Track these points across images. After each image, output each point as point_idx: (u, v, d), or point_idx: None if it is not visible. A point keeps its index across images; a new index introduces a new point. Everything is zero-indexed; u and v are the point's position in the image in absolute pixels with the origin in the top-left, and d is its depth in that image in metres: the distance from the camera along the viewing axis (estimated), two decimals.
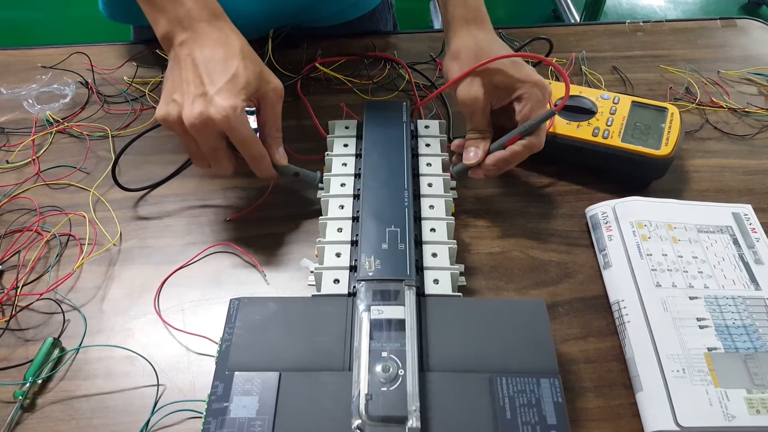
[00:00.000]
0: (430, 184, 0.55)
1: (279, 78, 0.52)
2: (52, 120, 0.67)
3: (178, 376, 0.47)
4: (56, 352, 0.48)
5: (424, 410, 0.39)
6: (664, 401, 0.43)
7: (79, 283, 0.53)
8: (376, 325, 0.43)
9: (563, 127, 0.59)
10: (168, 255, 0.55)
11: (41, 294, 0.51)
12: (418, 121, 0.60)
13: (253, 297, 0.46)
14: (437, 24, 2.09)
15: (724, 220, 0.56)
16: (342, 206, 0.53)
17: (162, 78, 0.71)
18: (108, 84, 0.72)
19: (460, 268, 0.49)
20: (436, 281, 0.48)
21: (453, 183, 0.57)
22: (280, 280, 0.53)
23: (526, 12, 2.44)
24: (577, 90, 0.63)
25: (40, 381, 0.46)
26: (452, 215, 0.53)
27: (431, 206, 0.53)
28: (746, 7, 2.41)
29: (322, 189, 0.55)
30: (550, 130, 0.59)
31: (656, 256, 0.52)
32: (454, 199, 0.54)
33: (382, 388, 0.39)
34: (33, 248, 0.55)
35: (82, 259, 0.54)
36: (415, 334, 0.42)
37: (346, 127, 0.60)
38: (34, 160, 0.63)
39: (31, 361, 0.46)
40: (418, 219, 0.52)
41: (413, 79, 0.71)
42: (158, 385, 0.46)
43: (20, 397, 0.45)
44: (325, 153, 0.57)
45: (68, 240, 0.56)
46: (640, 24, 0.82)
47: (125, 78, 0.72)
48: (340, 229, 0.51)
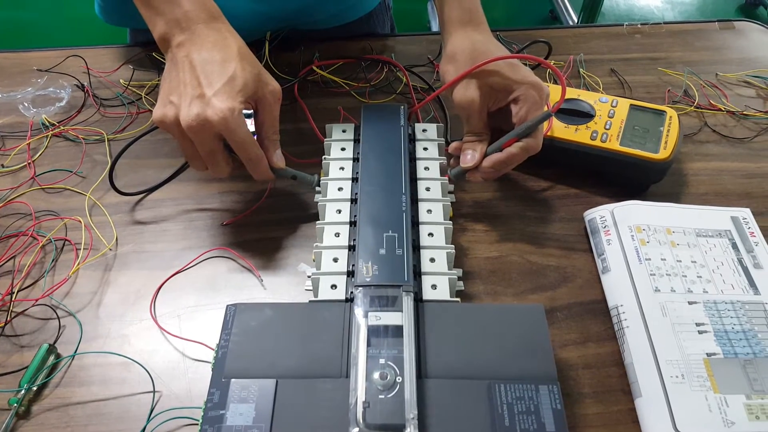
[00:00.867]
0: (428, 188, 0.54)
1: (276, 80, 0.52)
2: (47, 123, 0.66)
3: (174, 382, 0.46)
4: (51, 358, 0.47)
5: (422, 418, 0.39)
6: (663, 407, 0.43)
7: (74, 289, 0.52)
8: (373, 331, 0.42)
9: (561, 130, 0.59)
10: (164, 260, 0.54)
11: (36, 300, 0.51)
12: (416, 125, 0.60)
13: (250, 303, 0.46)
14: (435, 26, 2.09)
15: (723, 224, 0.56)
16: (339, 211, 0.52)
17: (158, 81, 0.70)
18: (104, 87, 0.71)
19: (458, 273, 0.49)
20: (434, 286, 0.47)
21: (451, 187, 0.56)
22: (277, 286, 0.53)
23: (524, 13, 2.44)
24: (575, 93, 0.63)
25: (35, 388, 0.46)
26: (450, 220, 0.53)
27: (429, 211, 0.53)
28: (744, 8, 2.42)
29: (319, 192, 0.55)
30: (548, 134, 0.59)
31: (655, 261, 0.52)
32: (452, 203, 0.54)
33: (380, 396, 0.39)
34: (28, 253, 0.55)
35: (78, 264, 0.54)
36: (413, 341, 0.42)
37: (344, 131, 0.60)
38: (29, 164, 0.62)
39: (26, 367, 0.46)
40: (416, 224, 0.52)
41: (411, 82, 0.70)
42: (154, 391, 0.46)
43: (15, 404, 0.44)
44: (323, 157, 0.57)
45: (64, 245, 0.55)
46: (638, 26, 0.82)
47: (121, 81, 0.71)
48: (337, 234, 0.51)
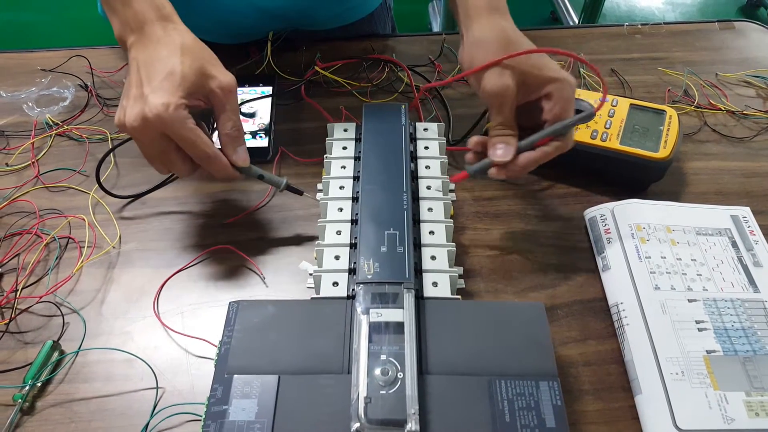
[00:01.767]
0: (428, 187, 0.55)
1: (279, 81, 0.52)
2: (51, 123, 0.67)
3: (177, 379, 0.47)
4: (55, 355, 0.48)
5: (423, 413, 0.39)
6: (664, 404, 0.43)
7: (78, 286, 0.53)
8: (375, 328, 0.43)
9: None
10: (167, 258, 0.55)
11: (41, 297, 0.51)
12: (417, 124, 0.61)
13: (252, 300, 0.46)
14: (436, 26, 2.10)
15: (723, 223, 0.56)
16: (341, 209, 0.53)
17: None
18: (107, 87, 0.72)
19: (459, 270, 0.50)
20: (435, 284, 0.48)
21: (452, 185, 0.57)
22: (279, 283, 0.53)
23: (525, 14, 2.44)
24: (575, 93, 0.63)
25: (39, 384, 0.46)
26: (451, 218, 0.53)
27: (430, 209, 0.53)
28: (744, 9, 2.42)
29: (320, 191, 0.55)
30: None
31: (655, 259, 0.52)
32: (452, 201, 0.55)
33: (381, 391, 0.39)
34: (32, 251, 0.55)
35: (82, 262, 0.54)
36: (414, 337, 0.42)
37: (345, 130, 0.60)
38: (33, 163, 0.63)
39: (31, 364, 0.47)
40: (416, 222, 0.52)
41: (413, 82, 0.71)
42: (157, 388, 0.46)
43: (19, 400, 0.45)
44: (324, 155, 0.58)
45: (68, 243, 0.56)
46: (639, 26, 0.82)
47: (124, 81, 0.72)
48: (339, 232, 0.51)
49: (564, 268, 0.55)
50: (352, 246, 0.50)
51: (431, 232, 0.51)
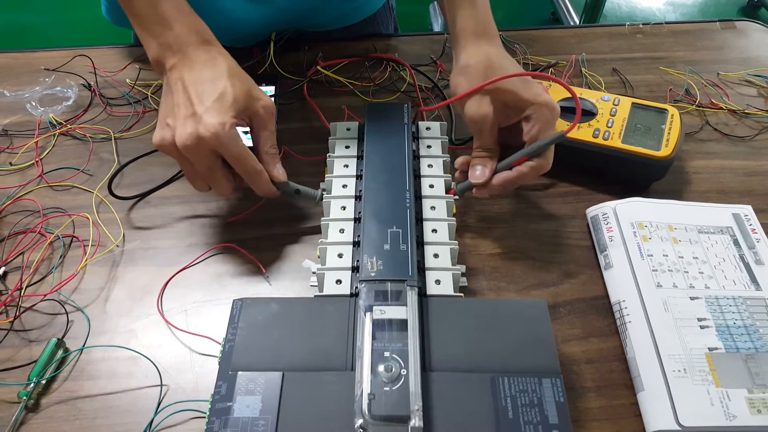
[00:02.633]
0: (431, 186, 0.55)
1: (281, 80, 0.53)
2: (55, 122, 0.67)
3: (182, 376, 0.47)
4: (60, 352, 0.48)
5: (426, 410, 0.39)
6: (666, 401, 0.44)
7: (82, 284, 0.53)
8: (378, 325, 0.43)
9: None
10: (171, 256, 0.55)
11: (45, 295, 0.51)
12: (420, 123, 0.61)
13: (256, 297, 0.46)
14: (437, 27, 2.10)
15: (725, 221, 0.56)
16: (344, 207, 0.53)
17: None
18: (110, 86, 0.72)
19: (462, 268, 0.50)
20: (437, 282, 0.48)
21: (454, 184, 0.57)
22: (283, 281, 0.53)
23: (526, 14, 2.44)
24: (577, 92, 0.63)
25: (44, 381, 0.46)
26: (453, 216, 0.54)
27: (432, 207, 0.53)
28: (745, 9, 2.42)
29: (324, 191, 0.56)
30: None
31: (657, 257, 0.52)
32: (455, 200, 0.55)
33: (385, 388, 0.40)
34: (37, 250, 0.55)
35: (86, 260, 0.54)
36: (417, 335, 0.42)
37: (348, 129, 0.60)
38: (37, 162, 0.63)
39: (35, 361, 0.47)
40: (419, 220, 0.52)
41: (416, 81, 0.71)
42: (161, 385, 0.46)
43: (24, 397, 0.45)
44: (327, 155, 0.58)
45: (71, 241, 0.56)
46: (640, 26, 0.83)
47: (128, 80, 0.72)
48: (342, 230, 0.51)
49: (566, 266, 0.55)
50: (355, 244, 0.50)
51: (434, 230, 0.51)
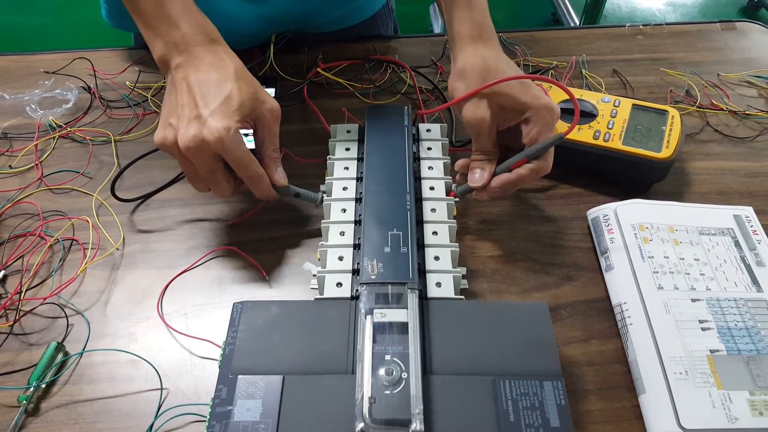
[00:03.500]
0: (431, 188, 0.55)
1: (281, 82, 0.53)
2: (54, 125, 0.67)
3: (182, 379, 0.47)
4: (60, 356, 0.48)
5: (427, 413, 0.39)
6: (667, 403, 0.43)
7: (82, 288, 0.53)
8: (379, 328, 0.43)
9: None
10: (171, 259, 0.55)
11: (45, 298, 0.51)
12: (420, 125, 0.61)
13: (256, 300, 0.46)
14: (437, 28, 2.10)
15: (726, 223, 0.56)
16: (344, 210, 0.53)
17: (164, 83, 0.71)
18: (110, 89, 0.72)
19: (463, 271, 0.50)
20: (438, 284, 0.48)
21: (455, 186, 0.57)
22: (283, 284, 0.53)
23: (526, 16, 2.44)
24: (578, 93, 0.63)
25: (43, 385, 0.46)
26: (454, 218, 0.54)
27: (433, 209, 0.53)
28: (745, 10, 2.42)
29: (324, 192, 0.56)
30: None
31: (658, 259, 0.52)
32: (455, 202, 0.55)
33: (386, 392, 0.39)
34: (36, 253, 0.55)
35: (86, 263, 0.54)
36: (418, 337, 0.42)
37: (348, 131, 0.60)
38: (37, 165, 0.63)
39: (35, 365, 0.47)
40: (420, 222, 0.52)
41: (416, 83, 0.71)
42: (162, 389, 0.46)
43: (24, 401, 0.45)
44: (327, 157, 0.58)
45: (71, 244, 0.56)
46: (640, 27, 0.83)
47: (127, 83, 0.72)
48: (342, 233, 0.51)
49: (567, 268, 0.55)
50: (356, 247, 0.50)
51: (434, 233, 0.51)
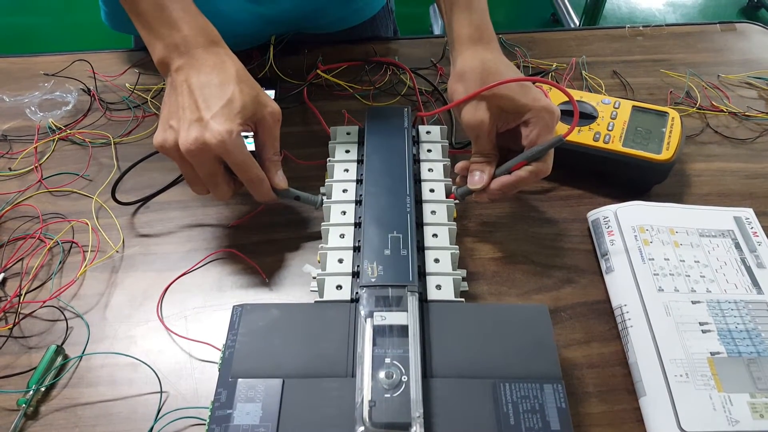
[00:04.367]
0: (431, 190, 0.55)
1: (281, 84, 0.53)
2: (54, 127, 0.67)
3: (181, 383, 0.47)
4: (59, 359, 0.48)
5: (427, 416, 0.39)
6: (668, 406, 0.43)
7: (82, 291, 0.53)
8: (379, 331, 0.43)
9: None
10: (170, 261, 0.55)
11: (44, 301, 0.51)
12: (420, 127, 0.61)
13: (256, 303, 0.46)
14: (437, 29, 2.10)
15: (726, 224, 0.56)
16: (344, 212, 0.53)
17: (164, 85, 0.71)
18: (110, 91, 0.72)
19: (463, 273, 0.50)
20: (438, 287, 0.48)
21: (455, 188, 0.57)
22: (283, 287, 0.53)
23: (526, 17, 2.44)
24: (578, 95, 0.63)
25: (43, 389, 0.46)
26: (454, 220, 0.53)
27: (433, 212, 0.53)
28: (745, 10, 2.42)
29: (324, 194, 0.55)
30: None
31: (658, 261, 0.52)
32: (455, 204, 0.55)
33: (386, 395, 0.39)
34: (36, 255, 0.55)
35: (85, 266, 0.54)
36: (418, 340, 0.42)
37: (348, 133, 0.60)
38: (36, 167, 0.63)
39: (35, 368, 0.47)
40: (420, 224, 0.52)
41: (416, 85, 0.71)
42: (161, 392, 0.46)
43: (23, 404, 0.45)
44: (327, 159, 0.58)
45: (71, 247, 0.56)
46: (640, 28, 0.83)
47: (127, 85, 0.72)
48: (342, 235, 0.51)
49: (567, 270, 0.55)
50: (356, 249, 0.50)
51: (434, 235, 0.51)
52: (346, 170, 0.56)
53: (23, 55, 0.78)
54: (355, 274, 0.48)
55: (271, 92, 0.69)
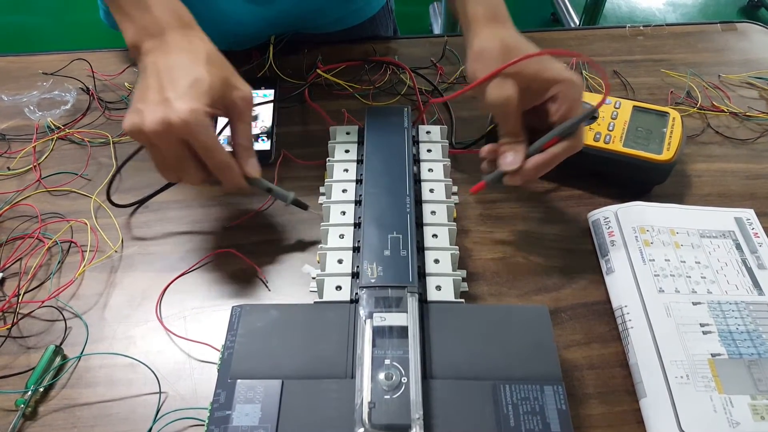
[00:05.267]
0: (431, 190, 0.55)
1: (281, 84, 0.52)
2: (53, 126, 0.67)
3: (180, 383, 0.47)
4: (58, 359, 0.47)
5: (427, 418, 0.39)
6: (668, 408, 0.43)
7: (80, 291, 0.53)
8: (378, 332, 0.43)
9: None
10: (169, 262, 0.55)
11: (43, 301, 0.51)
12: (420, 127, 0.60)
13: (255, 304, 0.46)
14: (437, 28, 2.10)
15: (727, 225, 0.56)
16: (344, 212, 0.53)
17: None
18: (109, 90, 0.72)
19: (463, 274, 0.49)
20: (438, 287, 0.47)
21: (455, 188, 0.57)
22: (282, 287, 0.53)
23: (526, 16, 2.44)
24: None
25: (41, 389, 0.46)
26: (454, 221, 0.53)
27: (433, 212, 0.53)
28: (745, 10, 2.42)
29: (323, 194, 0.55)
30: None
31: (659, 262, 0.52)
32: (455, 204, 0.54)
33: (385, 396, 0.39)
34: (34, 255, 0.55)
35: (84, 266, 0.54)
36: (417, 341, 0.42)
37: (347, 133, 0.60)
38: (35, 166, 0.63)
39: (33, 369, 0.46)
40: (420, 225, 0.52)
41: (416, 84, 0.71)
42: (160, 392, 0.46)
43: (22, 405, 0.44)
44: (327, 159, 0.57)
45: (70, 247, 0.56)
46: (640, 28, 0.82)
47: (126, 84, 0.72)
48: (341, 236, 0.51)
49: (568, 271, 0.54)
50: (355, 249, 0.50)
51: (434, 236, 0.51)
52: (346, 170, 0.56)
53: (22, 54, 0.77)
54: (355, 275, 0.48)
55: (271, 92, 0.69)
